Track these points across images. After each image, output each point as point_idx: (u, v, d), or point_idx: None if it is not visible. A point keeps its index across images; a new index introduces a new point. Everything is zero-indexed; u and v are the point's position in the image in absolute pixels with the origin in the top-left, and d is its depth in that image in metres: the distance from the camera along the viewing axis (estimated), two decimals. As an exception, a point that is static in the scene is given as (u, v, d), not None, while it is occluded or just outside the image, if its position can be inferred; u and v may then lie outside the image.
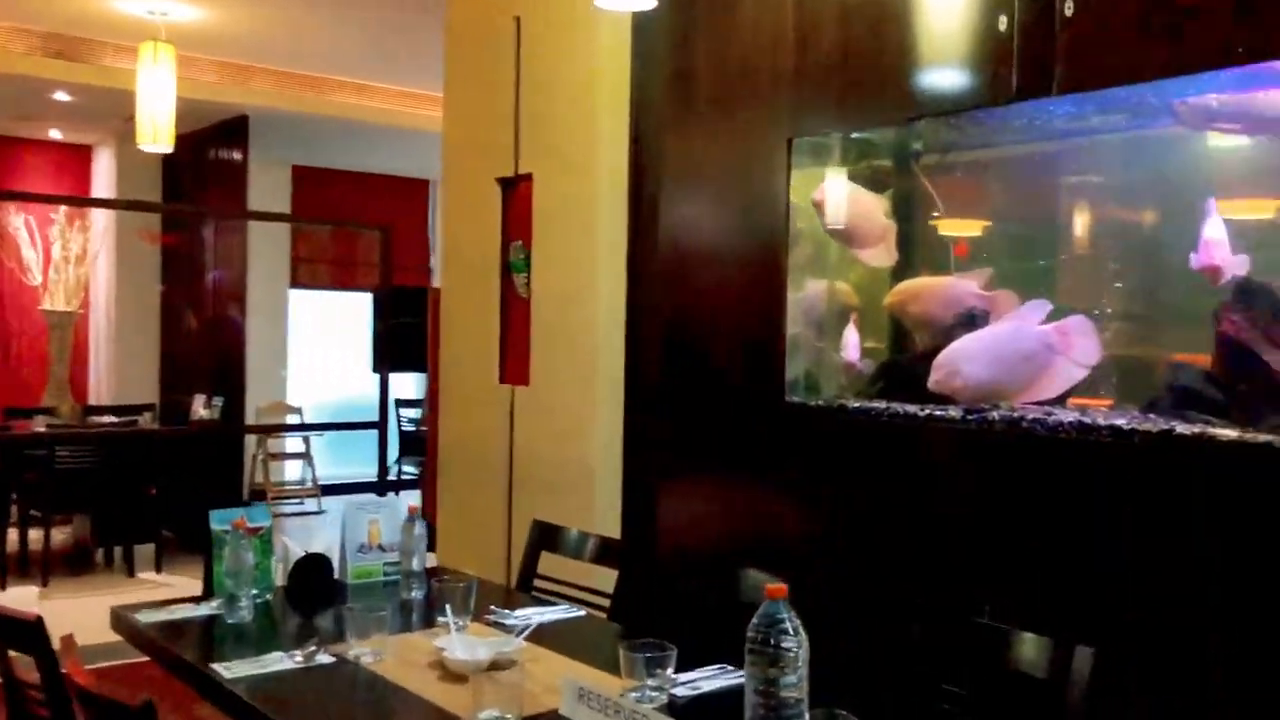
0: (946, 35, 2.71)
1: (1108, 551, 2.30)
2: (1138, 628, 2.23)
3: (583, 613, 2.56)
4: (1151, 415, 2.55)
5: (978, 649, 2.12)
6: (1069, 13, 2.48)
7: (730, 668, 2.10)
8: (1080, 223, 3.11)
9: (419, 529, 2.68)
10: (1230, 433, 2.23)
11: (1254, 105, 2.51)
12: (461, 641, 2.16)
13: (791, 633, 1.46)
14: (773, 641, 1.45)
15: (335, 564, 2.79)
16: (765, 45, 3.13)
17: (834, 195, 3.10)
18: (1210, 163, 2.75)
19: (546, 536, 3.02)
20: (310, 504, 8.84)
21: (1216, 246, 2.36)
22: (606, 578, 2.86)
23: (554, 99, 3.88)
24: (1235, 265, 2.39)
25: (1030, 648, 1.99)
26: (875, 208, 3.11)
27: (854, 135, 3.20)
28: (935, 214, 3.26)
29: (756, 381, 3.07)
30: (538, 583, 2.94)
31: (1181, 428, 2.31)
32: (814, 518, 2.90)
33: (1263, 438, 2.17)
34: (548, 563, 2.98)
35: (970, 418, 2.62)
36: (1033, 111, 2.80)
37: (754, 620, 1.48)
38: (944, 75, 2.73)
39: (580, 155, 3.76)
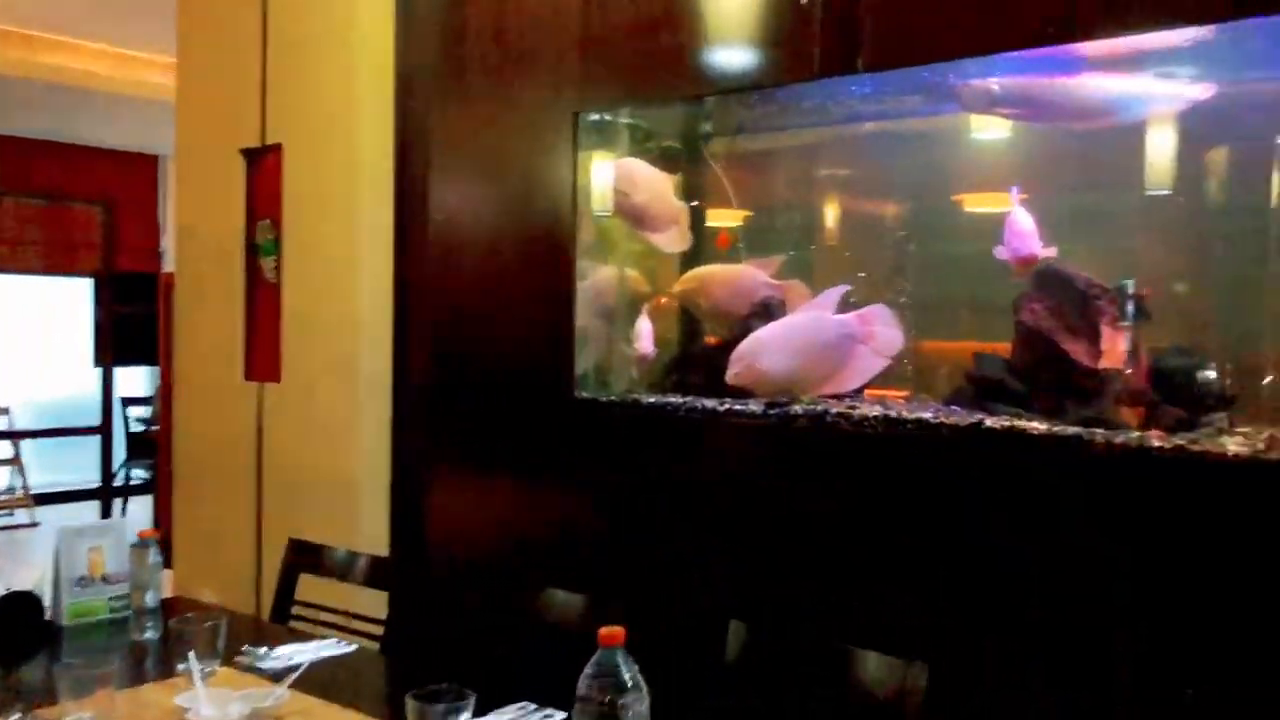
0: (746, 6, 2.54)
1: (919, 547, 2.20)
2: (950, 626, 2.14)
3: (353, 647, 2.23)
4: (954, 407, 2.48)
5: (804, 663, 1.96)
6: (874, -14, 2.36)
7: (532, 705, 1.85)
8: (877, 210, 3.04)
9: (152, 556, 2.27)
10: (1040, 425, 2.18)
11: (1034, 91, 2.49)
12: (209, 695, 1.80)
13: (630, 686, 1.22)
14: (609, 699, 1.20)
15: (46, 602, 2.32)
16: (547, 10, 2.88)
17: (624, 174, 2.88)
18: (1003, 150, 2.74)
19: (305, 556, 2.66)
20: (21, 515, 7.86)
21: (1029, 236, 2.31)
22: (378, 601, 2.53)
23: (306, 60, 3.48)
24: (1043, 255, 2.35)
25: (862, 663, 1.83)
26: (668, 188, 2.92)
27: (644, 112, 3.00)
28: (726, 199, 3.11)
29: (543, 376, 2.81)
30: (296, 611, 2.58)
31: (990, 421, 2.25)
32: (609, 520, 2.68)
33: (1071, 430, 2.12)
34: (308, 587, 2.62)
35: (772, 412, 2.48)
36: (830, 93, 2.70)
37: (586, 671, 1.24)
38: (743, 49, 2.56)
39: (337, 125, 3.38)
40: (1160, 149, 2.35)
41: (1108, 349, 2.29)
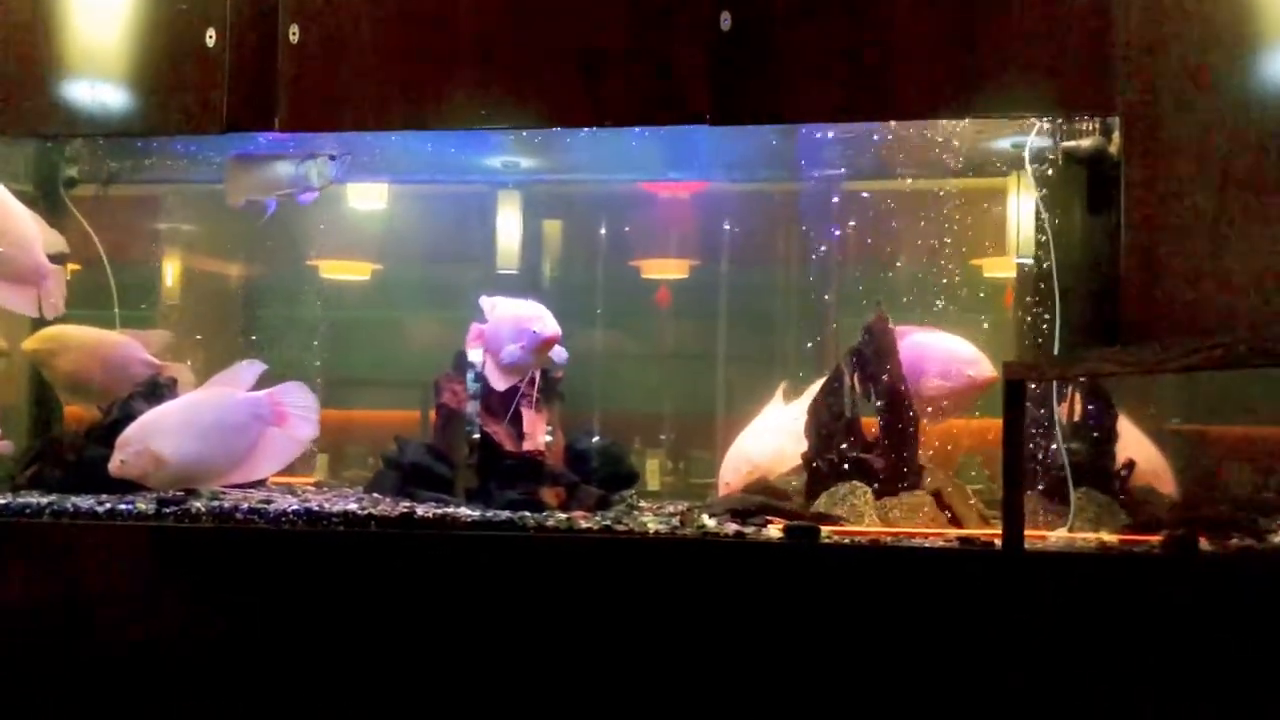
0: (141, 41, 2.20)
1: (348, 654, 2.00)
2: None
3: None
4: (376, 495, 2.33)
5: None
6: (294, 38, 2.17)
7: None
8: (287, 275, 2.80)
9: None
10: (472, 512, 2.12)
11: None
12: None
13: None
14: None
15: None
16: None
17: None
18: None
19: None
20: None
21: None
22: None
23: None
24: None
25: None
26: (34, 238, 2.36)
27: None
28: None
29: None
30: None
31: (421, 509, 2.13)
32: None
33: (503, 515, 2.08)
34: None
35: (169, 510, 2.11)
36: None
37: None
38: (127, 91, 2.21)
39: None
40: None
41: (528, 431, 2.31)
